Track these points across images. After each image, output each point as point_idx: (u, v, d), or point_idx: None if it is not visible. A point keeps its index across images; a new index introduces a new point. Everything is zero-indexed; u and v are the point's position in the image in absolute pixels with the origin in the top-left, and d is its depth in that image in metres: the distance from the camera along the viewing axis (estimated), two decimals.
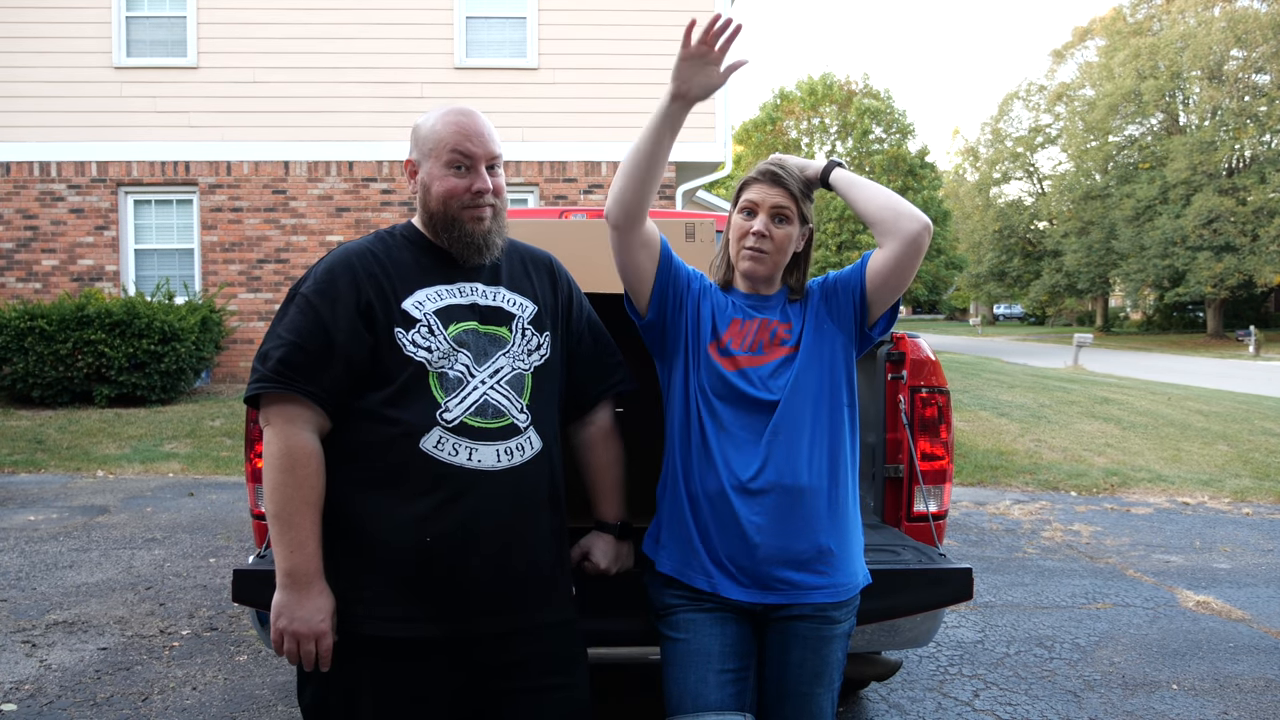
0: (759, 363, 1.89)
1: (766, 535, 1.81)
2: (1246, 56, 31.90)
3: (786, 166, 1.92)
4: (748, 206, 1.92)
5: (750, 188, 1.92)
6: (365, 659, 1.71)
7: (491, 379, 1.75)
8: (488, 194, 1.79)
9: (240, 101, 11.92)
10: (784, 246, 1.91)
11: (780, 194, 1.89)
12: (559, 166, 12.20)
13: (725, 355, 1.90)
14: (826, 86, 36.16)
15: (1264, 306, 36.97)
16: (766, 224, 1.89)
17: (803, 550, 1.82)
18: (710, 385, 1.88)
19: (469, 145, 1.77)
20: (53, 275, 11.93)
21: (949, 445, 2.67)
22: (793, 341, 1.91)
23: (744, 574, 1.82)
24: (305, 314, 1.71)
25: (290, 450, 1.66)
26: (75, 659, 3.63)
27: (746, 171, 1.97)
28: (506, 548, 1.72)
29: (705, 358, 1.90)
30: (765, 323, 1.93)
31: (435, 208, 1.79)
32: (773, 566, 1.81)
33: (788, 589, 1.82)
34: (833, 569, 1.85)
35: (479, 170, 1.79)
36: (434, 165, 1.79)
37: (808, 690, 1.83)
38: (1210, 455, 8.60)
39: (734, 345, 1.91)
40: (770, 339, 1.91)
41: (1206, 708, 3.30)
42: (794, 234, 1.92)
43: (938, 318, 68.78)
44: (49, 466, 7.62)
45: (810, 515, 1.83)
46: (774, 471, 1.82)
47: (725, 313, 1.94)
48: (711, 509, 1.84)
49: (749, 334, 1.92)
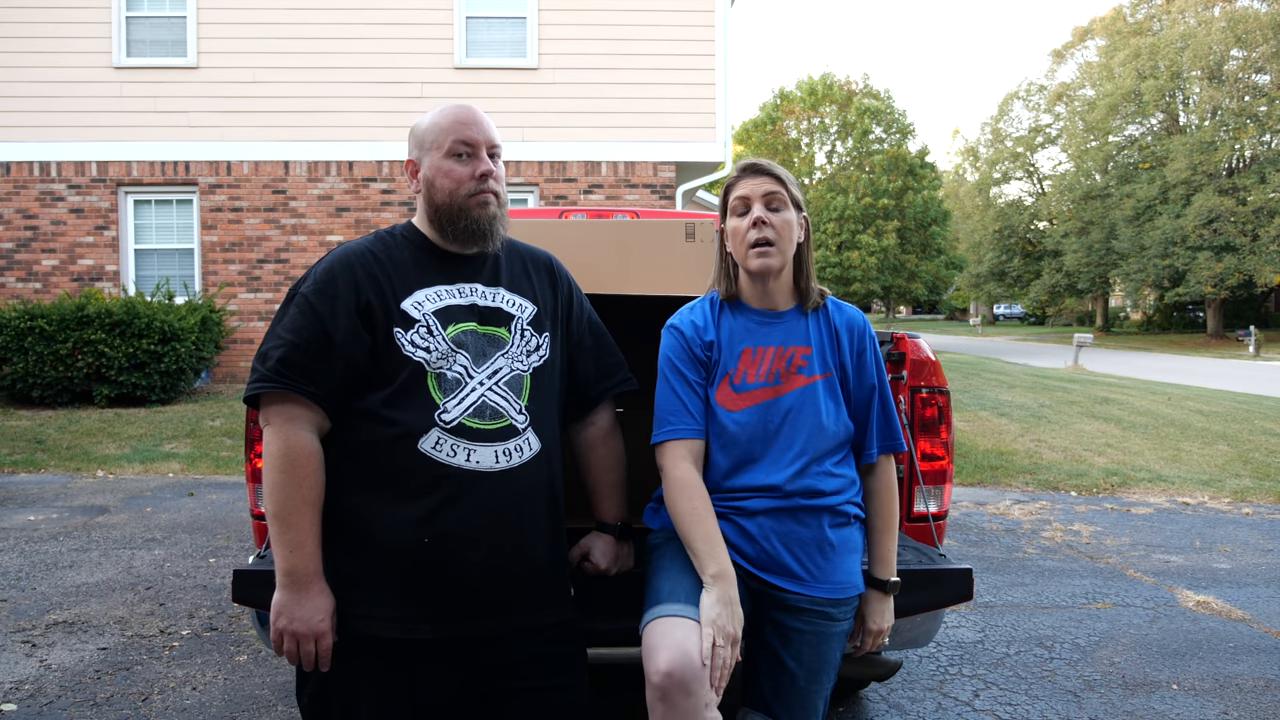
0: (777, 394, 1.87)
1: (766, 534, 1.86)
2: (1246, 56, 31.89)
3: (766, 160, 1.93)
4: (740, 205, 1.90)
5: (737, 185, 1.91)
6: (364, 659, 1.71)
7: (490, 380, 1.75)
8: (491, 178, 1.79)
9: (240, 101, 11.92)
10: (787, 233, 1.88)
11: (768, 181, 1.88)
12: (559, 166, 12.20)
13: (740, 391, 1.88)
14: (826, 86, 36.16)
15: (1264, 306, 36.96)
16: (764, 211, 1.86)
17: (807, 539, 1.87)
18: (719, 426, 1.89)
19: (470, 132, 1.79)
20: (53, 275, 11.93)
21: (949, 445, 2.67)
22: (812, 370, 1.89)
23: (745, 559, 1.86)
24: (305, 314, 1.71)
25: (290, 450, 1.66)
26: (75, 659, 3.62)
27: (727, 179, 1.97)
28: (505, 549, 1.72)
29: (714, 403, 1.89)
30: (780, 350, 1.90)
31: (441, 199, 1.79)
32: (774, 555, 1.86)
33: (788, 577, 1.85)
34: (833, 566, 1.87)
35: (481, 156, 1.79)
36: (436, 157, 1.79)
37: (804, 686, 1.84)
38: (1210, 455, 8.60)
39: (749, 378, 1.89)
40: (787, 367, 1.89)
41: (1206, 708, 3.30)
42: (793, 220, 1.89)
43: (938, 318, 68.80)
44: (49, 466, 7.62)
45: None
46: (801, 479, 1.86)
47: (734, 344, 1.91)
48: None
49: (764, 363, 1.89)
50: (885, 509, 1.95)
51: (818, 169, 36.98)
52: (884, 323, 43.41)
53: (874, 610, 1.93)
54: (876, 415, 1.94)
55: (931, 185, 33.96)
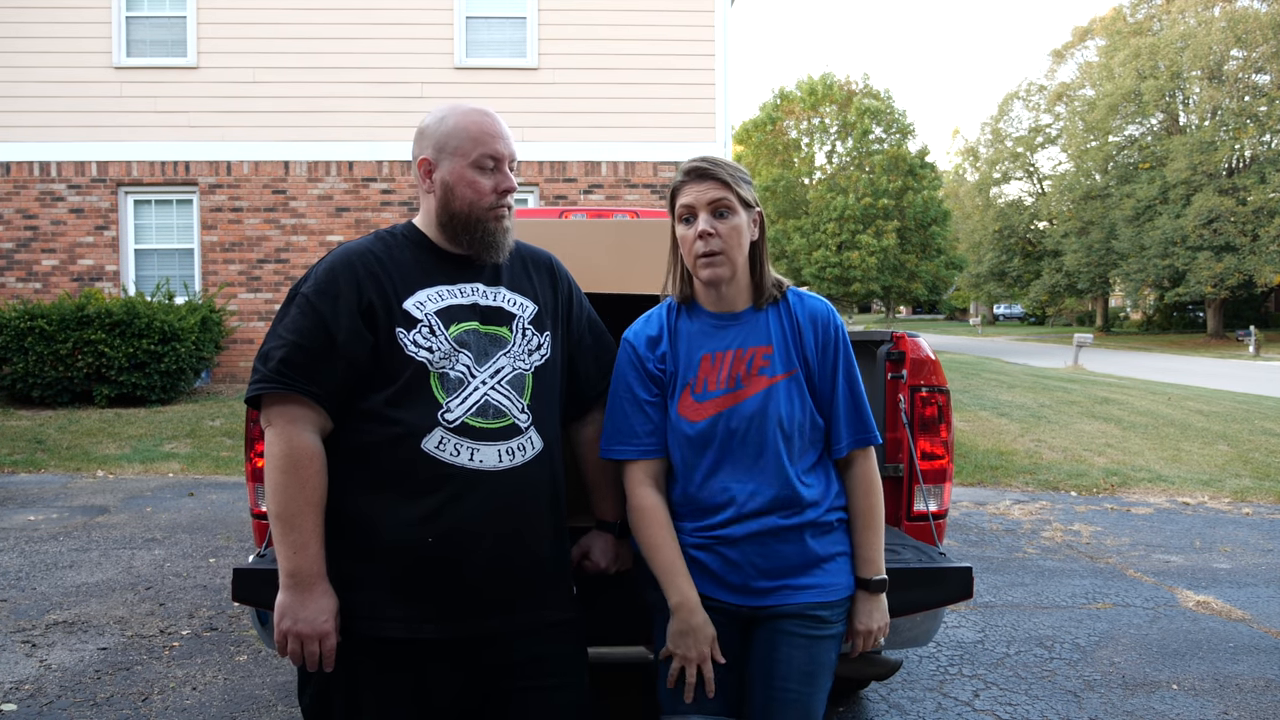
0: (738, 399, 1.81)
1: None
2: (1246, 56, 31.90)
3: (712, 159, 1.83)
4: (685, 213, 1.81)
5: (681, 192, 1.81)
6: (367, 659, 1.70)
7: (492, 379, 1.75)
8: (512, 194, 1.80)
9: (240, 101, 11.92)
10: (736, 240, 1.79)
11: (713, 187, 1.78)
12: (559, 166, 12.20)
13: (702, 400, 1.82)
14: (826, 86, 36.13)
15: (1264, 306, 36.96)
16: (710, 222, 1.78)
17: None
18: (683, 438, 1.85)
19: (498, 146, 1.79)
20: (53, 275, 11.93)
21: (949, 444, 2.67)
22: (774, 369, 1.83)
23: (731, 590, 1.84)
24: (306, 314, 1.70)
25: (292, 451, 1.65)
26: (75, 659, 3.62)
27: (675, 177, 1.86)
28: (508, 548, 1.72)
29: (675, 418, 1.85)
30: (740, 353, 1.84)
31: (459, 208, 1.78)
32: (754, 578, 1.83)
33: (774, 594, 1.82)
34: (821, 570, 1.83)
35: (505, 170, 1.80)
36: (460, 164, 1.78)
37: (796, 690, 1.80)
38: (1210, 455, 8.60)
39: (710, 386, 1.83)
40: (748, 370, 1.83)
41: (1206, 708, 3.30)
42: (742, 224, 1.80)
43: (938, 318, 68.79)
44: (49, 466, 7.62)
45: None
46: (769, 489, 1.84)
47: (693, 351, 1.85)
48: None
49: (723, 367, 1.84)
50: (865, 505, 1.86)
51: (818, 169, 36.96)
52: (884, 323, 43.37)
53: (861, 610, 1.86)
54: (844, 408, 1.85)
55: (931, 185, 33.92)
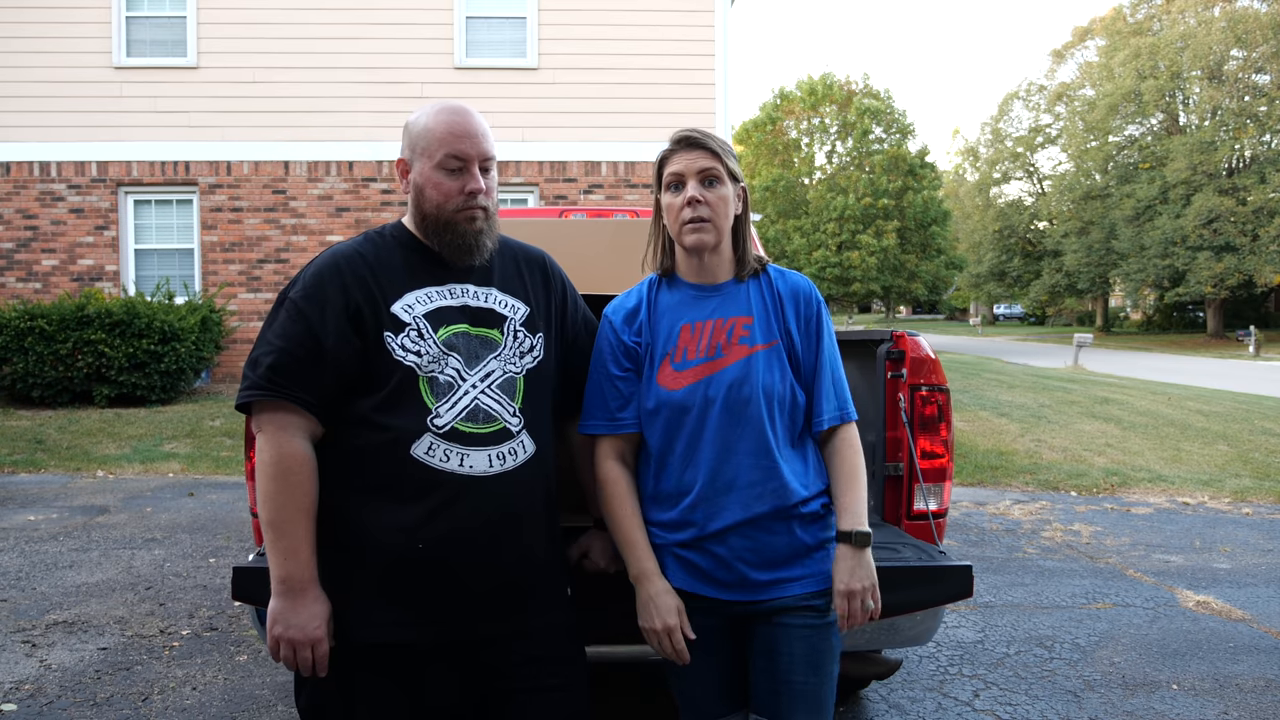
0: (718, 366, 1.81)
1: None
2: (1246, 56, 31.90)
3: (700, 129, 1.85)
4: (673, 180, 1.84)
5: (670, 160, 1.84)
6: (361, 664, 1.70)
7: (483, 383, 1.74)
8: (480, 195, 1.76)
9: (240, 101, 11.92)
10: (723, 209, 1.82)
11: (702, 156, 1.81)
12: (559, 166, 12.20)
13: (681, 369, 1.83)
14: (826, 86, 36.15)
15: (1264, 306, 36.96)
16: (698, 189, 1.80)
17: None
18: (663, 406, 1.84)
19: (463, 146, 1.75)
20: (53, 275, 11.94)
21: (949, 443, 2.67)
22: (754, 339, 1.83)
23: (721, 586, 1.83)
24: (294, 320, 1.69)
25: (282, 458, 1.65)
26: (75, 659, 3.62)
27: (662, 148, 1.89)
28: (500, 553, 1.71)
29: (655, 388, 1.84)
30: (720, 323, 1.85)
31: (428, 209, 1.77)
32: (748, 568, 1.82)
33: (766, 587, 1.80)
34: (812, 558, 1.82)
35: (472, 171, 1.76)
36: (426, 166, 1.76)
37: (803, 681, 1.79)
38: (1210, 455, 8.59)
39: (689, 355, 1.84)
40: (728, 339, 1.84)
41: (1206, 708, 3.30)
42: (729, 195, 1.83)
43: (938, 318, 68.80)
44: (49, 466, 7.62)
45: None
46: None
47: (674, 321, 1.87)
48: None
49: (704, 336, 1.85)
50: (847, 464, 1.83)
51: (818, 169, 36.98)
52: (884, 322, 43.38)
53: (842, 567, 1.77)
54: (826, 382, 1.85)
55: (931, 185, 33.94)
